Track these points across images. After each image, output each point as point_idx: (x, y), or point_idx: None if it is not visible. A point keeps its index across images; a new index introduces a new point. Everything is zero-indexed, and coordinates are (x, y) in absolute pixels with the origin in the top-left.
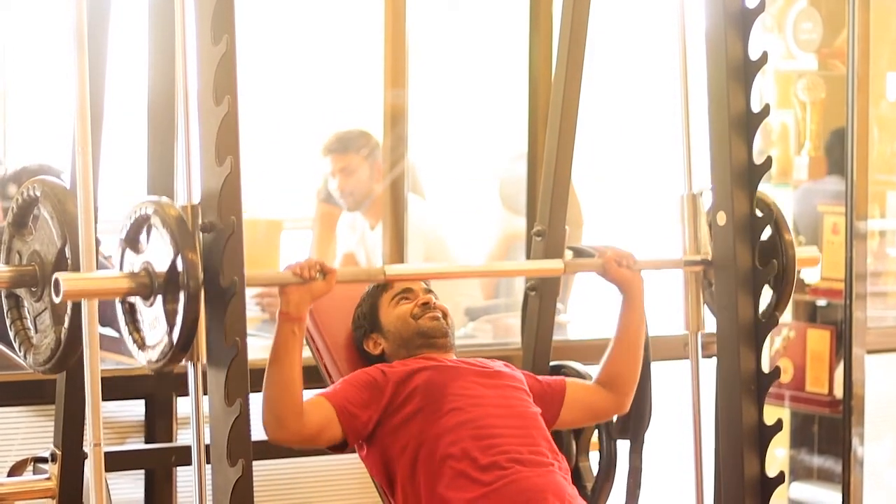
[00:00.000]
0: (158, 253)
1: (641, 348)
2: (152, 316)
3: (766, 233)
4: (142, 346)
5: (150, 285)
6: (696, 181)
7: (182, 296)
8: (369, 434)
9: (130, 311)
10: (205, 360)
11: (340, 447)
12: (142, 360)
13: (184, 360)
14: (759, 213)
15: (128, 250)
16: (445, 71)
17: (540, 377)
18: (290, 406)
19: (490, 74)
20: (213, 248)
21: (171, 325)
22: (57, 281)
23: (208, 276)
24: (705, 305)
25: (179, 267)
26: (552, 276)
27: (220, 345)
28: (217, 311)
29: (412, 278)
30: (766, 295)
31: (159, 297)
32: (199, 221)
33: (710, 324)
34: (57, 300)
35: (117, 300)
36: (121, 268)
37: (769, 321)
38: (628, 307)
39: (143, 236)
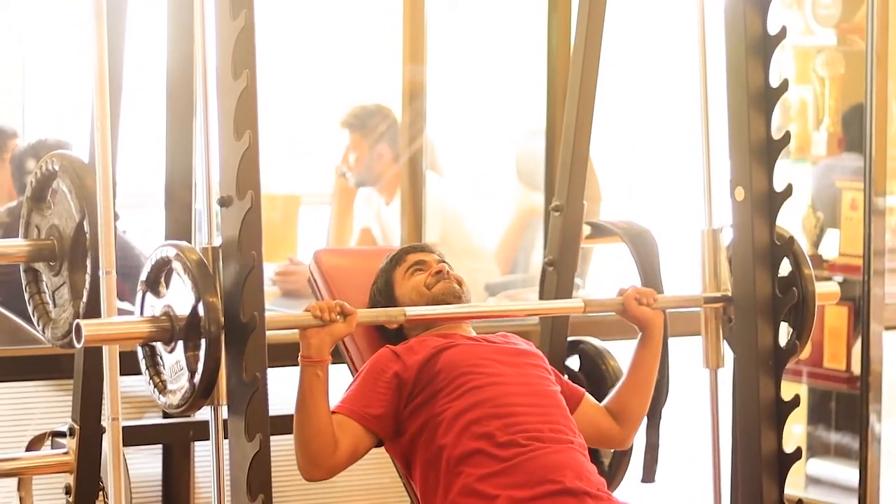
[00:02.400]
0: (179, 297)
1: (652, 387)
2: (173, 360)
3: (786, 268)
4: (162, 390)
5: (170, 330)
6: (716, 216)
7: (203, 342)
8: (398, 424)
9: (151, 355)
10: (225, 403)
11: (379, 445)
12: (162, 403)
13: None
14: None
15: (148, 293)
16: (463, 46)
17: (562, 377)
18: (322, 448)
19: (508, 49)
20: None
21: (192, 371)
22: (79, 327)
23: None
24: (725, 341)
25: (201, 312)
26: (573, 247)
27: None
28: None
29: (431, 319)
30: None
31: (180, 343)
32: (220, 264)
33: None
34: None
35: (138, 345)
36: (141, 312)
37: (787, 295)
38: (646, 345)
39: (163, 279)
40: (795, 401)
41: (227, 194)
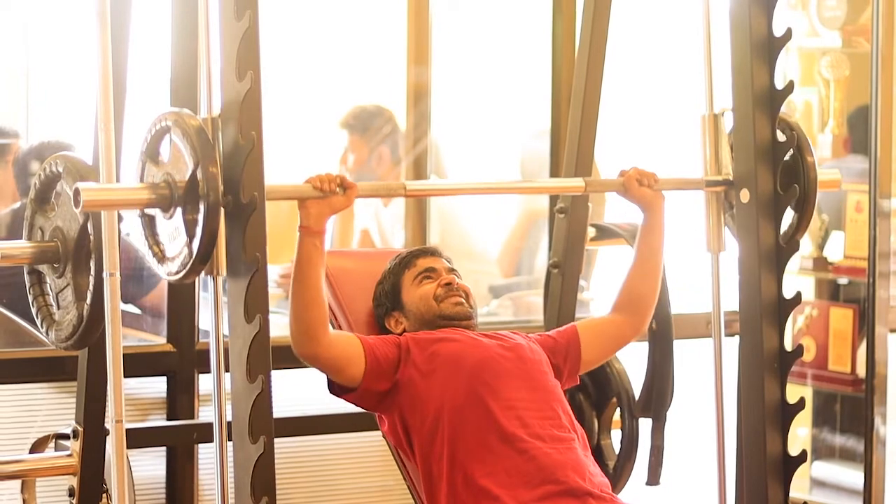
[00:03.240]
0: (178, 165)
1: (661, 269)
2: (172, 227)
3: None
4: (161, 258)
5: (169, 197)
6: (717, 101)
7: (202, 206)
8: (387, 392)
9: (150, 224)
10: (224, 273)
11: (349, 391)
12: (161, 273)
13: (203, 272)
14: (780, 138)
15: (148, 163)
16: (468, 48)
17: (552, 332)
18: (317, 319)
19: (512, 51)
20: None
21: (190, 237)
22: (77, 191)
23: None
24: (726, 227)
25: (199, 178)
26: (578, 249)
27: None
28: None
29: (433, 194)
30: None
31: (179, 209)
32: (220, 133)
33: (733, 303)
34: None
35: (137, 213)
36: (140, 180)
37: (790, 245)
38: (649, 226)
39: (163, 148)
40: (800, 403)
41: (231, 196)
